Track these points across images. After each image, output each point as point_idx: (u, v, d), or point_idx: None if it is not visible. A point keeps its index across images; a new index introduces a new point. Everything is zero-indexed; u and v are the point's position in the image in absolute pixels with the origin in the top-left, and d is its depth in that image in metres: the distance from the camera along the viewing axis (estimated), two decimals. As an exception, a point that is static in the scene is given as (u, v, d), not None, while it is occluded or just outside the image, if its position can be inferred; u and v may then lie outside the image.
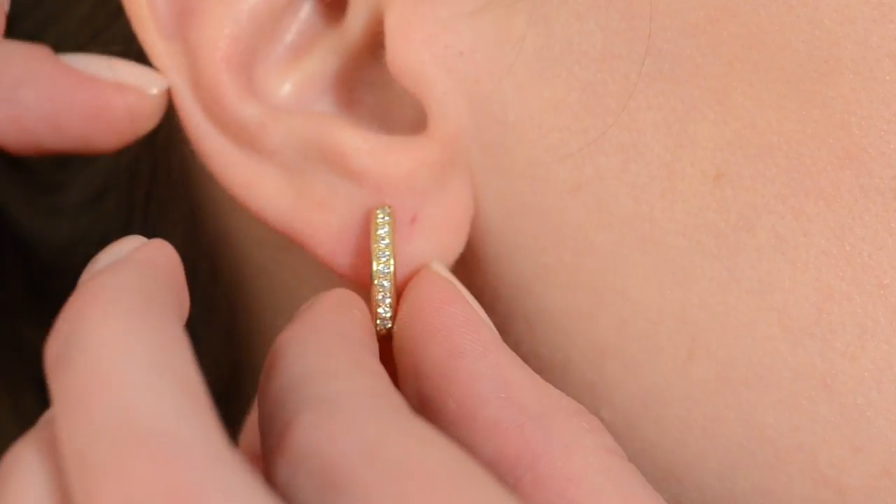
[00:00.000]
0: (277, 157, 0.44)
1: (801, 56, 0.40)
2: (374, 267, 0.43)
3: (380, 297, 0.43)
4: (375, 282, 0.43)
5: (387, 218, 0.43)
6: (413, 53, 0.43)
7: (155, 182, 0.51)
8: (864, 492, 0.41)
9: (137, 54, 0.48)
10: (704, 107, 0.41)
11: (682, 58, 0.41)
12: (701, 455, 0.43)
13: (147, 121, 0.44)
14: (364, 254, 0.44)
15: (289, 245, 0.46)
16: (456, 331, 0.41)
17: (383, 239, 0.43)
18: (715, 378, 0.42)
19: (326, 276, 0.47)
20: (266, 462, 0.37)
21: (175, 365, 0.35)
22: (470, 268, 0.46)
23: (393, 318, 0.43)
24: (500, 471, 0.39)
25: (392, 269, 0.43)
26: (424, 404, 0.40)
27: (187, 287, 0.42)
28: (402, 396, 0.38)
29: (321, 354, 0.39)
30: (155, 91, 0.44)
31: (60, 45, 0.51)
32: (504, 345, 0.41)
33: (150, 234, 0.52)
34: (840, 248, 0.41)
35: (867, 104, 0.40)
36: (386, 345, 0.43)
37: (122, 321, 0.35)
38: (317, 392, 0.37)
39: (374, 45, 0.44)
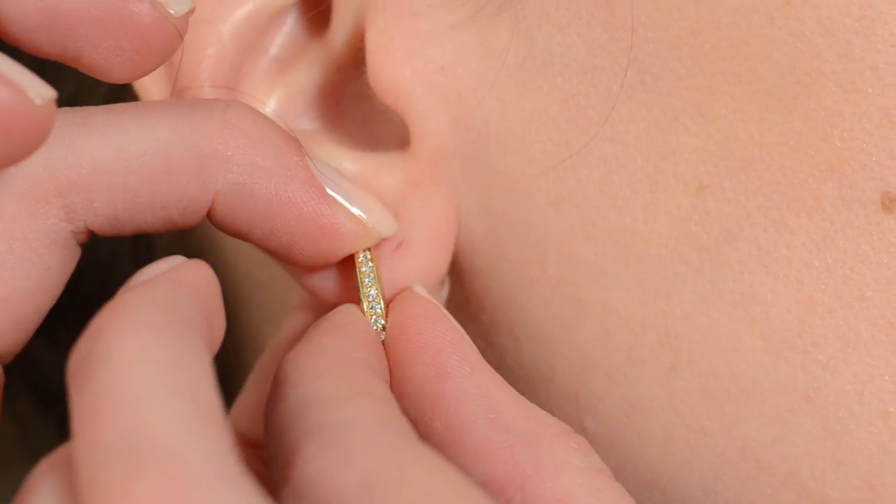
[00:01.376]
0: None
1: (783, 68, 0.40)
2: (362, 299, 0.43)
3: (372, 321, 0.43)
4: (368, 308, 0.43)
5: (370, 265, 0.43)
6: (394, 69, 0.43)
7: None
8: None
9: None
10: (687, 118, 0.41)
11: (664, 69, 0.41)
12: (684, 466, 0.43)
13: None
14: (349, 282, 0.44)
15: None
16: (442, 351, 0.41)
17: (369, 286, 0.43)
18: (698, 390, 0.42)
19: None
20: (275, 489, 0.37)
21: (191, 384, 0.34)
22: (453, 280, 0.46)
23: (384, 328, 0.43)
24: (490, 492, 0.39)
25: (382, 307, 0.43)
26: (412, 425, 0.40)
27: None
28: (408, 421, 0.38)
29: (326, 378, 0.38)
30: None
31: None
32: (488, 365, 0.41)
33: (141, 241, 0.52)
34: (822, 261, 0.41)
35: (849, 116, 0.40)
36: None
37: (141, 337, 0.35)
38: (321, 419, 0.36)
39: (358, 57, 0.44)
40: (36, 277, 0.40)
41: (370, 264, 0.43)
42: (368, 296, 0.43)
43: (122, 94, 0.49)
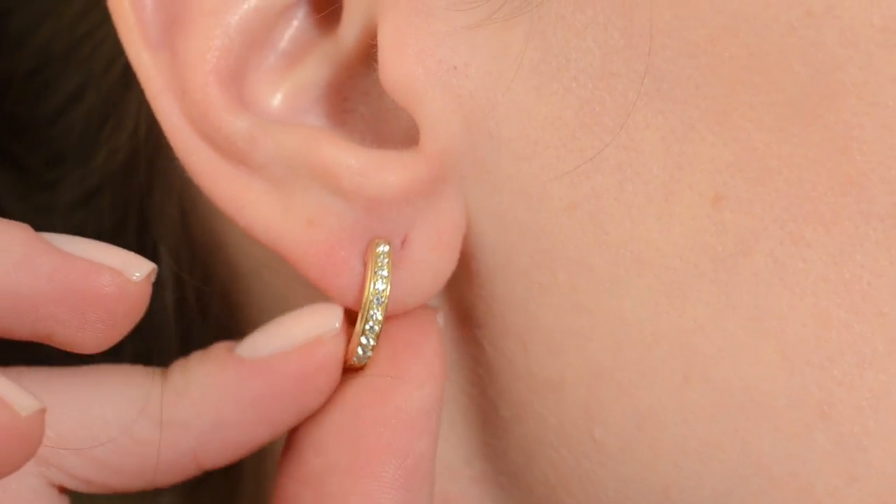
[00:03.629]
0: (266, 171, 0.43)
1: (802, 78, 0.39)
2: (368, 297, 0.42)
3: (368, 327, 0.42)
4: (368, 311, 0.42)
5: (386, 259, 0.42)
6: (406, 67, 0.42)
7: (151, 181, 0.50)
8: None
9: (126, 63, 0.47)
10: (704, 128, 0.41)
11: (681, 77, 0.40)
12: (696, 480, 0.42)
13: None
14: (355, 277, 0.43)
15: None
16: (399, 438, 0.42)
17: (381, 279, 0.42)
18: (711, 403, 0.42)
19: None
20: None
21: None
22: (461, 284, 0.45)
23: (375, 348, 0.43)
24: None
25: (385, 301, 0.42)
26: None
27: (184, 286, 0.41)
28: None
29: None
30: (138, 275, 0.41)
31: (52, 43, 0.50)
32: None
33: (145, 235, 0.51)
34: (839, 275, 0.40)
35: (869, 129, 0.39)
36: (350, 376, 0.43)
37: None
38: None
39: (368, 54, 0.43)
40: None
41: (386, 259, 0.42)
42: (372, 303, 0.42)
43: (126, 86, 0.49)
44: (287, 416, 0.42)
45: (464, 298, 0.45)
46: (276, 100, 0.44)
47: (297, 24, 0.44)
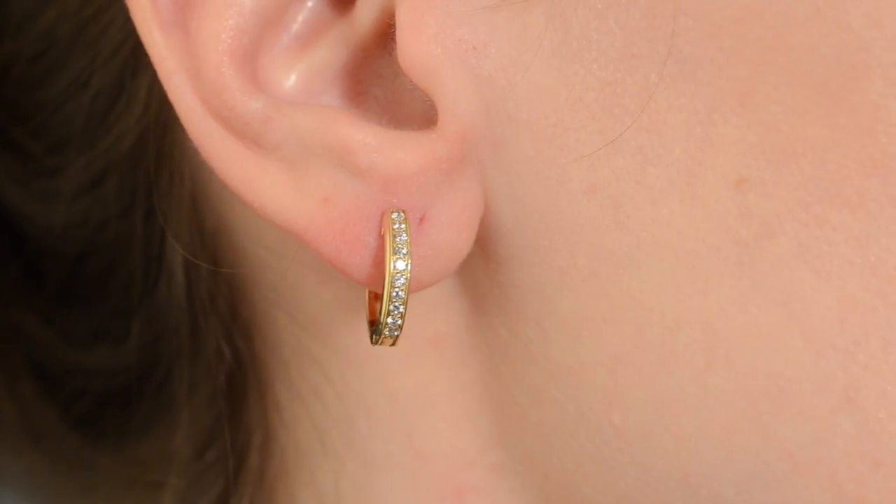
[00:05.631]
0: (280, 152, 0.42)
1: (828, 60, 0.39)
2: (391, 273, 0.42)
3: (392, 308, 0.42)
4: (392, 292, 0.42)
5: (402, 225, 0.42)
6: (424, 47, 0.41)
7: (159, 167, 0.50)
8: None
9: (134, 46, 0.47)
10: (727, 110, 0.40)
11: (704, 59, 0.40)
12: (717, 466, 0.42)
13: None
14: (369, 253, 0.42)
15: (288, 238, 0.45)
16: None
17: (401, 246, 0.42)
18: (734, 388, 0.41)
19: (324, 268, 0.46)
20: None
21: None
22: (477, 269, 0.44)
23: (401, 326, 0.42)
24: None
25: (409, 275, 0.42)
26: None
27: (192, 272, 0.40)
28: None
29: None
30: None
31: (58, 26, 0.49)
32: None
33: (153, 221, 0.51)
34: (864, 259, 0.40)
35: None
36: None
37: None
38: None
39: (384, 35, 0.43)
40: None
41: (404, 236, 0.42)
42: (395, 279, 0.42)
43: (134, 69, 0.48)
44: None
45: (479, 284, 0.45)
46: (290, 81, 0.43)
47: (311, 5, 0.43)
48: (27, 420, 0.58)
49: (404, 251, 0.42)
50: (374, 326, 0.43)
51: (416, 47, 0.41)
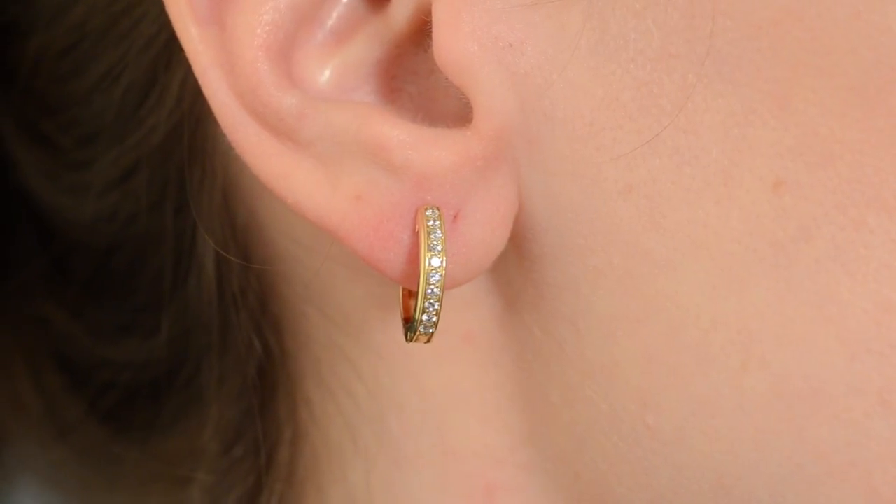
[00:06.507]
0: (314, 148, 0.42)
1: (867, 63, 0.39)
2: (426, 270, 0.42)
3: (427, 305, 0.42)
4: (427, 289, 0.42)
5: (437, 222, 0.42)
6: (461, 44, 0.41)
7: (191, 161, 0.50)
8: None
9: (167, 39, 0.47)
10: (765, 111, 0.40)
11: (742, 60, 0.40)
12: (751, 468, 0.42)
13: None
14: (403, 250, 0.42)
15: (320, 234, 0.45)
16: None
17: (436, 243, 0.42)
18: (769, 390, 0.41)
19: (357, 264, 0.46)
20: None
21: None
22: (510, 267, 0.44)
23: (436, 324, 0.42)
24: None
25: (444, 272, 0.42)
26: None
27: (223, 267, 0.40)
28: None
29: None
30: None
31: (89, 20, 0.49)
32: None
33: (184, 215, 0.51)
34: None
35: None
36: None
37: None
38: None
39: (419, 32, 0.43)
40: None
41: (439, 233, 0.42)
42: (430, 276, 0.42)
43: (167, 63, 0.48)
44: None
45: (512, 282, 0.45)
46: (325, 77, 0.43)
47: (346, 1, 0.43)
48: (54, 413, 0.58)
49: (439, 248, 0.42)
50: (409, 324, 0.43)
51: (452, 44, 0.41)
